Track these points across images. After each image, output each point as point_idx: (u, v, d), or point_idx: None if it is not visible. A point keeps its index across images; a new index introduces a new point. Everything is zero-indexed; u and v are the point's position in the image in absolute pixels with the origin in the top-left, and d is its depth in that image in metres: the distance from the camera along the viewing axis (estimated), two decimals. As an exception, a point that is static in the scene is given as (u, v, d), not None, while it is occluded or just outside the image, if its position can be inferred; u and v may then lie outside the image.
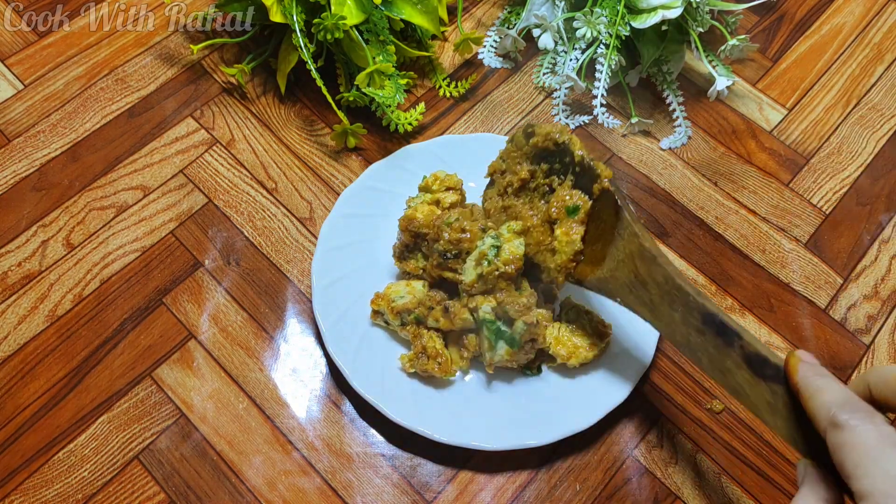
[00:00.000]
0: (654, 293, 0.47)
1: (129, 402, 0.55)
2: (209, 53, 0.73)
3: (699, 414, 0.57)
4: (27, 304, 0.59)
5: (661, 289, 0.47)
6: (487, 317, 0.52)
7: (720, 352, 0.43)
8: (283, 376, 0.57)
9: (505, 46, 0.72)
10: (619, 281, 0.49)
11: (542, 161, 0.55)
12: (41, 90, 0.70)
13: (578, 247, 0.52)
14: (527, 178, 0.55)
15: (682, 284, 0.45)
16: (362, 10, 0.62)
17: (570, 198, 0.52)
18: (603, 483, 0.54)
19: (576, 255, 0.52)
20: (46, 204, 0.64)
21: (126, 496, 0.52)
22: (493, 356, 0.53)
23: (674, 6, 0.64)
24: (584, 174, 0.52)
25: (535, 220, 0.54)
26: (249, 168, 0.66)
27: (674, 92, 0.69)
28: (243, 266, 0.61)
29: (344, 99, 0.66)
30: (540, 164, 0.55)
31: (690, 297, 0.45)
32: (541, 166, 0.55)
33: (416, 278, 0.58)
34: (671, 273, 0.46)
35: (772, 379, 0.40)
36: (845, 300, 0.62)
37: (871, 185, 0.68)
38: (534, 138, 0.54)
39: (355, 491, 0.53)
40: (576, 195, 0.52)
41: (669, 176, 0.67)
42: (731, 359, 0.43)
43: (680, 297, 0.45)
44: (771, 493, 0.54)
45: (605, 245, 0.51)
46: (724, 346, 0.43)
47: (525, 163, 0.55)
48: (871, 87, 0.74)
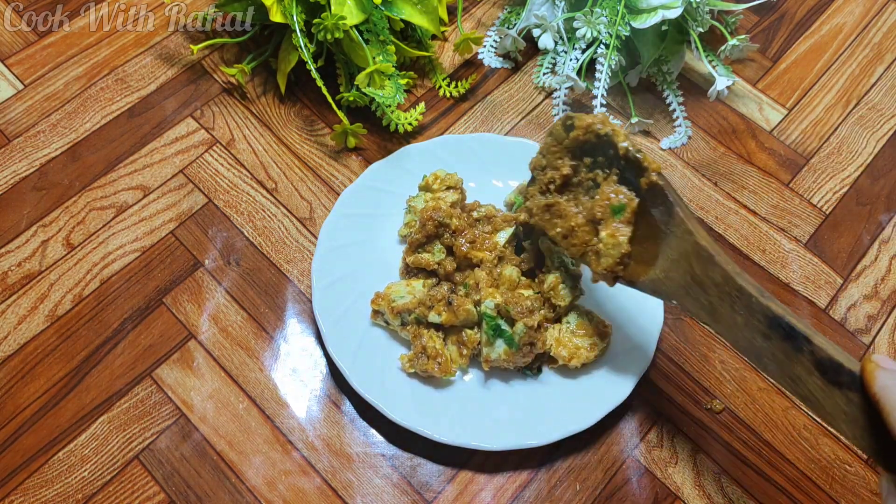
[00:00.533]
0: (713, 295, 0.44)
1: (129, 402, 0.55)
2: (209, 53, 0.73)
3: (699, 414, 0.57)
4: (27, 304, 0.59)
5: (721, 290, 0.43)
6: (489, 312, 0.52)
7: (789, 357, 0.40)
8: (283, 376, 0.57)
9: (505, 46, 0.72)
10: (675, 282, 0.46)
11: (584, 155, 0.50)
12: (41, 90, 0.70)
13: (625, 249, 0.48)
14: (569, 173, 0.51)
15: (743, 285, 0.42)
16: (362, 10, 0.62)
17: (616, 195, 0.48)
18: (603, 483, 0.54)
19: (622, 257, 0.48)
20: (46, 204, 0.64)
21: (126, 496, 0.52)
22: (490, 353, 0.53)
23: (674, 6, 0.64)
24: (629, 167, 0.48)
25: (581, 218, 0.50)
26: (249, 168, 0.66)
27: (674, 92, 0.69)
28: (243, 266, 0.61)
29: (344, 99, 0.66)
30: (583, 159, 0.50)
31: (753, 298, 0.41)
32: (584, 160, 0.50)
33: (419, 277, 0.58)
34: (731, 273, 0.43)
35: (847, 386, 0.37)
36: (845, 300, 0.62)
37: (871, 185, 0.68)
38: (574, 131, 0.50)
39: (355, 491, 0.53)
40: (621, 192, 0.48)
41: (669, 176, 0.67)
42: (801, 365, 0.39)
43: (742, 299, 0.42)
44: (771, 493, 0.54)
45: (657, 243, 0.47)
46: (793, 352, 0.40)
47: (566, 157, 0.51)
48: (871, 87, 0.74)
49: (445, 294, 0.55)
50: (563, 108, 0.70)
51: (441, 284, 0.56)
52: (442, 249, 0.57)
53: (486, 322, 0.53)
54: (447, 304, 0.54)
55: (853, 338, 0.60)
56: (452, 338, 0.55)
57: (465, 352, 0.54)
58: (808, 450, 0.56)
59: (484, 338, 0.53)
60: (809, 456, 0.55)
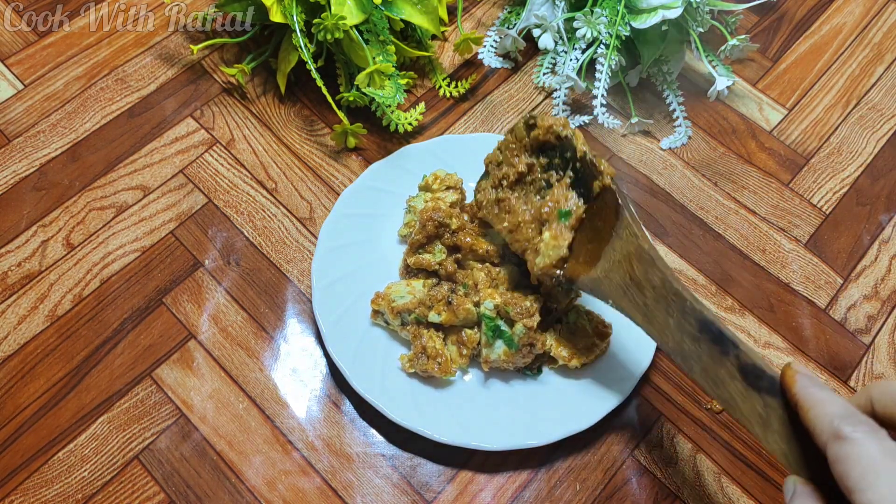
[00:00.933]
0: (650, 296, 0.46)
1: (129, 402, 0.55)
2: (209, 53, 0.73)
3: (699, 414, 0.57)
4: (27, 304, 0.59)
5: (657, 292, 0.45)
6: (488, 313, 0.52)
7: (714, 360, 0.42)
8: (283, 376, 0.57)
9: (505, 46, 0.72)
10: (613, 282, 0.48)
11: (541, 154, 0.52)
12: (41, 90, 0.70)
13: (564, 253, 0.50)
14: (524, 171, 0.53)
15: (679, 289, 0.44)
16: (362, 11, 0.62)
17: (565, 200, 0.50)
18: (603, 483, 0.54)
19: (559, 261, 0.50)
20: (46, 204, 0.64)
21: (126, 496, 0.52)
22: (490, 353, 0.53)
23: (674, 6, 0.64)
24: (584, 171, 0.50)
25: (528, 216, 0.52)
26: (249, 168, 0.66)
27: (674, 92, 0.69)
28: (243, 266, 0.61)
29: (344, 99, 0.66)
30: (539, 158, 0.52)
31: (688, 302, 0.43)
32: (539, 160, 0.52)
33: (419, 277, 0.58)
34: (669, 276, 0.45)
35: (766, 391, 0.39)
36: (845, 300, 0.62)
37: (871, 185, 0.68)
38: (535, 130, 0.52)
39: (355, 491, 0.53)
40: (570, 198, 0.50)
41: (669, 176, 0.67)
42: (725, 368, 0.41)
43: (677, 302, 0.44)
44: (771, 493, 0.54)
45: (602, 244, 0.49)
46: (720, 355, 0.41)
47: (524, 155, 0.53)
48: (871, 87, 0.74)
49: (445, 294, 0.55)
50: (563, 108, 0.70)
51: (441, 284, 0.56)
52: (443, 250, 0.57)
53: (486, 323, 0.53)
54: (447, 304, 0.54)
55: (853, 338, 0.60)
56: (452, 338, 0.55)
57: (465, 352, 0.54)
58: (808, 450, 0.56)
59: (483, 339, 0.53)
60: (809, 456, 0.55)
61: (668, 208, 0.66)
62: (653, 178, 0.67)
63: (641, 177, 0.67)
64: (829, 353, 0.59)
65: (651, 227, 0.65)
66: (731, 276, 0.63)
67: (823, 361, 0.59)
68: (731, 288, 0.62)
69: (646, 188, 0.67)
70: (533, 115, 0.53)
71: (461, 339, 0.54)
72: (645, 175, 0.67)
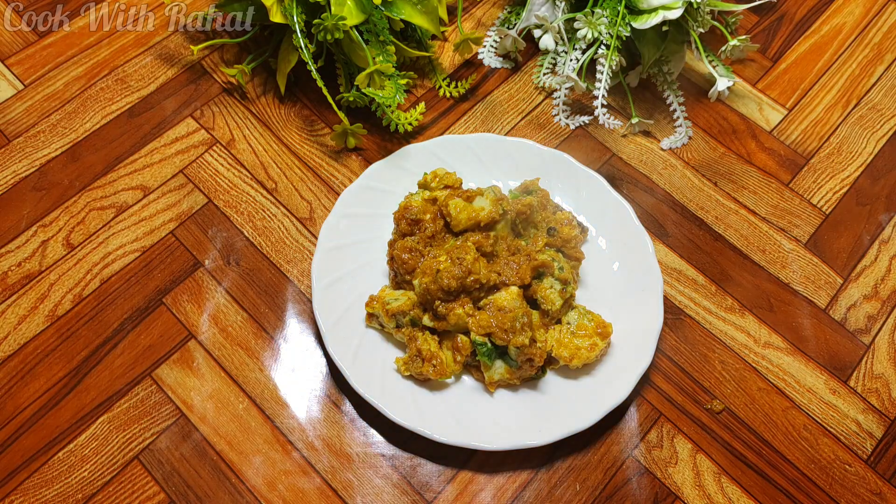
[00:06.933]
0: None
1: (129, 402, 0.55)
2: (209, 53, 0.73)
3: (699, 414, 0.57)
4: (27, 304, 0.59)
5: None
6: (479, 339, 0.52)
7: None
8: (283, 376, 0.57)
9: (505, 46, 0.72)
10: None
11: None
12: (41, 90, 0.70)
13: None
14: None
15: None
16: (362, 11, 0.62)
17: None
18: (603, 483, 0.54)
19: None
20: (46, 204, 0.64)
21: (126, 496, 0.52)
22: (493, 374, 0.53)
23: (674, 7, 0.64)
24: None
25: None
26: (249, 168, 0.66)
27: (674, 92, 0.69)
28: (243, 266, 0.61)
29: (344, 99, 0.66)
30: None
31: None
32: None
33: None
34: None
35: None
36: (845, 300, 0.62)
37: (871, 185, 0.68)
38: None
39: (355, 491, 0.53)
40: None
41: (669, 176, 0.67)
42: None
43: None
44: (771, 492, 0.54)
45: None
46: None
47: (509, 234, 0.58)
48: (871, 87, 0.74)
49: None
50: (563, 109, 0.70)
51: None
52: (409, 293, 0.56)
53: (479, 350, 0.53)
54: (434, 315, 0.54)
55: (853, 338, 0.60)
56: (447, 343, 0.55)
57: (459, 358, 0.54)
58: (807, 450, 0.56)
59: (482, 364, 0.53)
60: (809, 456, 0.55)
61: (668, 208, 0.66)
62: (653, 178, 0.67)
63: (641, 177, 0.67)
64: (829, 353, 0.59)
65: (651, 227, 0.65)
66: (731, 276, 0.63)
67: (823, 361, 0.59)
68: (731, 288, 0.62)
69: (646, 188, 0.67)
70: (555, 228, 0.59)
71: (456, 345, 0.54)
72: (645, 175, 0.67)
